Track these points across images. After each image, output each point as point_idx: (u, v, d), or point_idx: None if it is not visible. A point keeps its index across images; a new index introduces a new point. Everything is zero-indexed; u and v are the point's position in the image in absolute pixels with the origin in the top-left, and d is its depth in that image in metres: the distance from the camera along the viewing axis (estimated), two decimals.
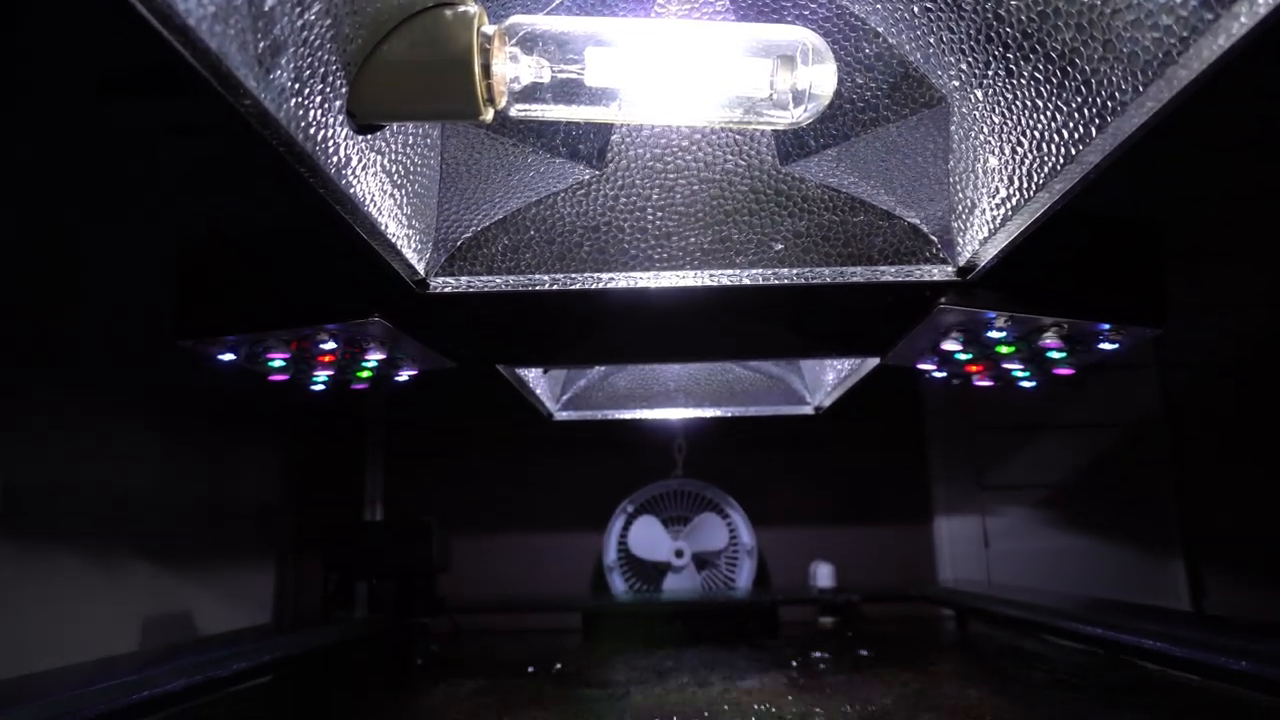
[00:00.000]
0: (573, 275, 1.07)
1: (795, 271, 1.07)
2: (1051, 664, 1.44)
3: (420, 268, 1.05)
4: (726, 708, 1.14)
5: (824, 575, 2.04)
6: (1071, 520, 2.20)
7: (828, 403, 1.90)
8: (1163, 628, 1.24)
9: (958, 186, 0.97)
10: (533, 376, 1.74)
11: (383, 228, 0.89)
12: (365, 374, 1.34)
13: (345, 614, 1.84)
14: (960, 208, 0.98)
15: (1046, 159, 0.77)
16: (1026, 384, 1.41)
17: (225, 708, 1.25)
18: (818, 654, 1.60)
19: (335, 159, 0.74)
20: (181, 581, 1.68)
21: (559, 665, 1.55)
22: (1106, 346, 1.18)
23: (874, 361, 1.49)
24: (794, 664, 1.49)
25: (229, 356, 1.21)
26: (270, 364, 1.23)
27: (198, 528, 1.76)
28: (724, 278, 1.07)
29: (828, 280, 1.08)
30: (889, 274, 1.08)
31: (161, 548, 1.60)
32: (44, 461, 1.31)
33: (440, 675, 1.49)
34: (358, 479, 2.16)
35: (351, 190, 0.79)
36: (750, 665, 1.49)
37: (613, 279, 1.07)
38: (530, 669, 1.51)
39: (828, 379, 1.82)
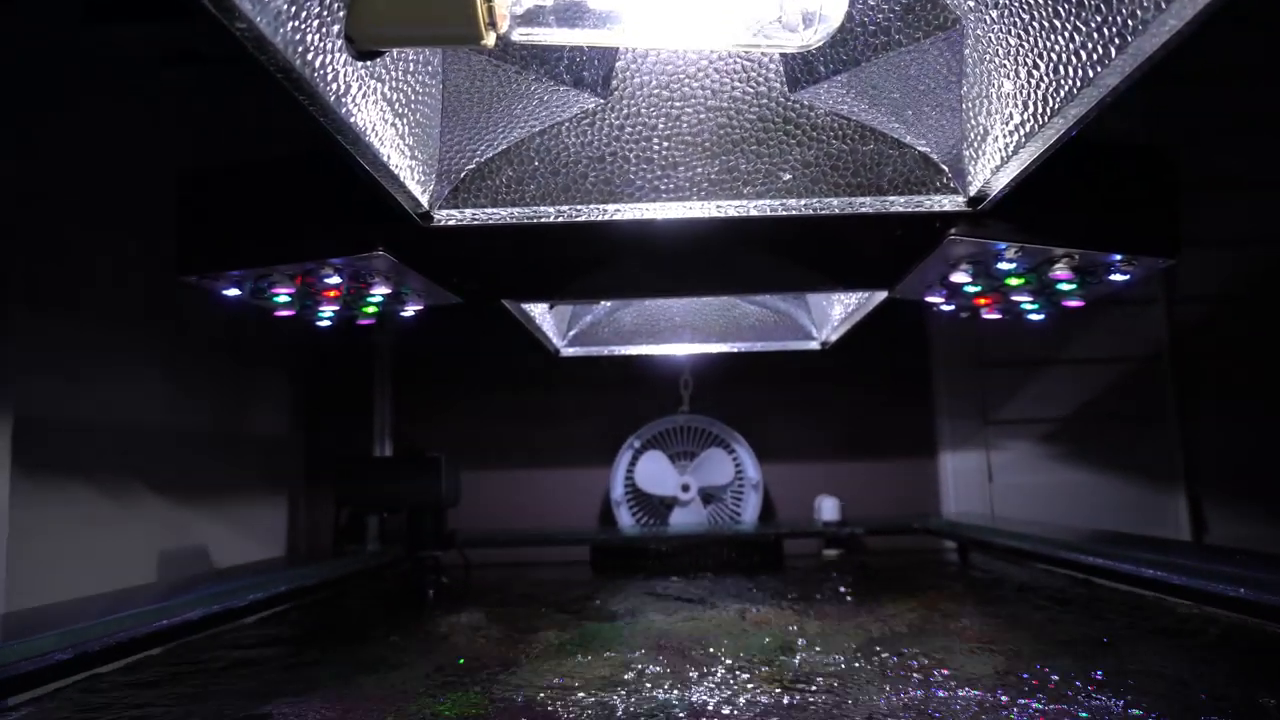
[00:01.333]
0: (578, 207, 1.06)
1: (803, 202, 1.05)
2: (1050, 593, 1.46)
3: (424, 200, 1.04)
4: (731, 635, 1.17)
5: (829, 509, 2.06)
6: (1074, 455, 2.21)
7: (834, 338, 1.90)
8: (1161, 556, 1.26)
9: (970, 113, 0.95)
10: (539, 312, 1.73)
11: (385, 159, 0.88)
12: (371, 309, 1.34)
13: (357, 548, 1.87)
14: (972, 135, 0.96)
15: (1063, 82, 0.75)
16: (1035, 316, 1.40)
17: (242, 636, 1.28)
18: (820, 585, 1.63)
19: (334, 86, 0.73)
20: (196, 516, 1.71)
21: (567, 596, 1.58)
22: (1117, 278, 1.17)
23: (881, 295, 1.48)
24: (797, 594, 1.51)
25: (233, 292, 1.21)
26: (275, 299, 1.22)
27: (210, 463, 1.78)
28: (731, 209, 1.05)
29: (836, 211, 1.06)
30: (898, 204, 1.07)
31: (175, 482, 1.62)
32: (57, 395, 1.32)
33: (451, 606, 1.52)
34: (366, 415, 2.18)
35: (352, 119, 0.78)
36: (755, 596, 1.51)
37: (618, 210, 1.05)
38: (539, 599, 1.55)
39: (834, 314, 1.81)
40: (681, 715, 0.81)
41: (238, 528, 1.89)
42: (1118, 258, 1.13)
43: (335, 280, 1.18)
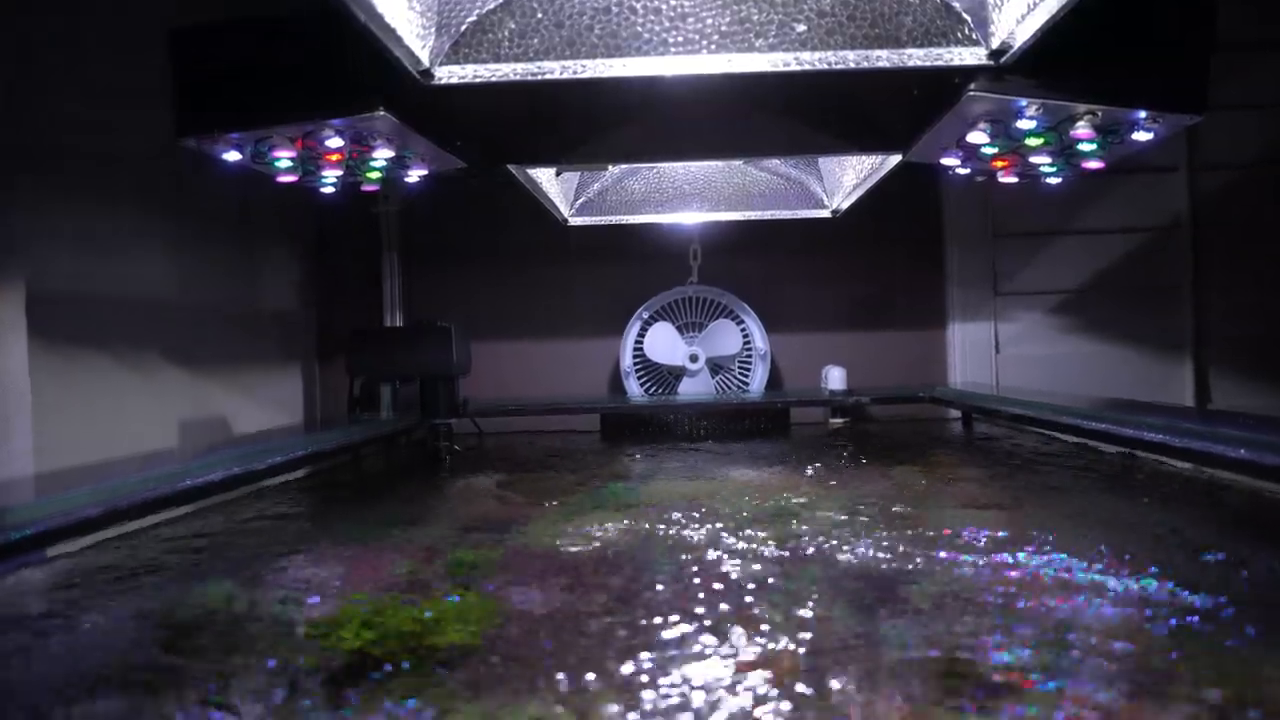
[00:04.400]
0: (583, 62, 1.02)
1: (817, 56, 1.01)
2: (1050, 458, 1.49)
3: (424, 56, 1.00)
4: (735, 497, 1.20)
5: (835, 378, 2.08)
6: (1082, 326, 2.21)
7: (845, 205, 1.87)
8: (1163, 420, 1.27)
9: None
10: (546, 179, 1.71)
11: (381, 11, 0.85)
12: (375, 174, 1.32)
13: (371, 416, 1.91)
14: None
15: None
16: (1053, 180, 1.37)
17: (264, 497, 1.33)
18: (825, 450, 1.66)
19: None
20: (213, 386, 1.74)
21: (578, 462, 1.62)
22: (1140, 137, 1.13)
23: (895, 159, 1.45)
24: (800, 460, 1.55)
25: (234, 156, 1.18)
26: (276, 163, 1.20)
27: (225, 337, 1.80)
28: (742, 63, 1.02)
29: (851, 65, 1.02)
30: (917, 58, 1.02)
31: (192, 356, 1.64)
32: (68, 269, 1.32)
33: (465, 471, 1.57)
34: (376, 286, 2.18)
35: None
36: (760, 461, 1.55)
37: (625, 65, 1.02)
38: (551, 465, 1.59)
39: (847, 180, 1.78)
40: (685, 566, 0.85)
41: (254, 399, 1.92)
42: (1142, 115, 1.09)
43: (337, 143, 1.16)
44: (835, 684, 0.55)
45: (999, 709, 0.50)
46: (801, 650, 0.61)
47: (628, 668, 0.58)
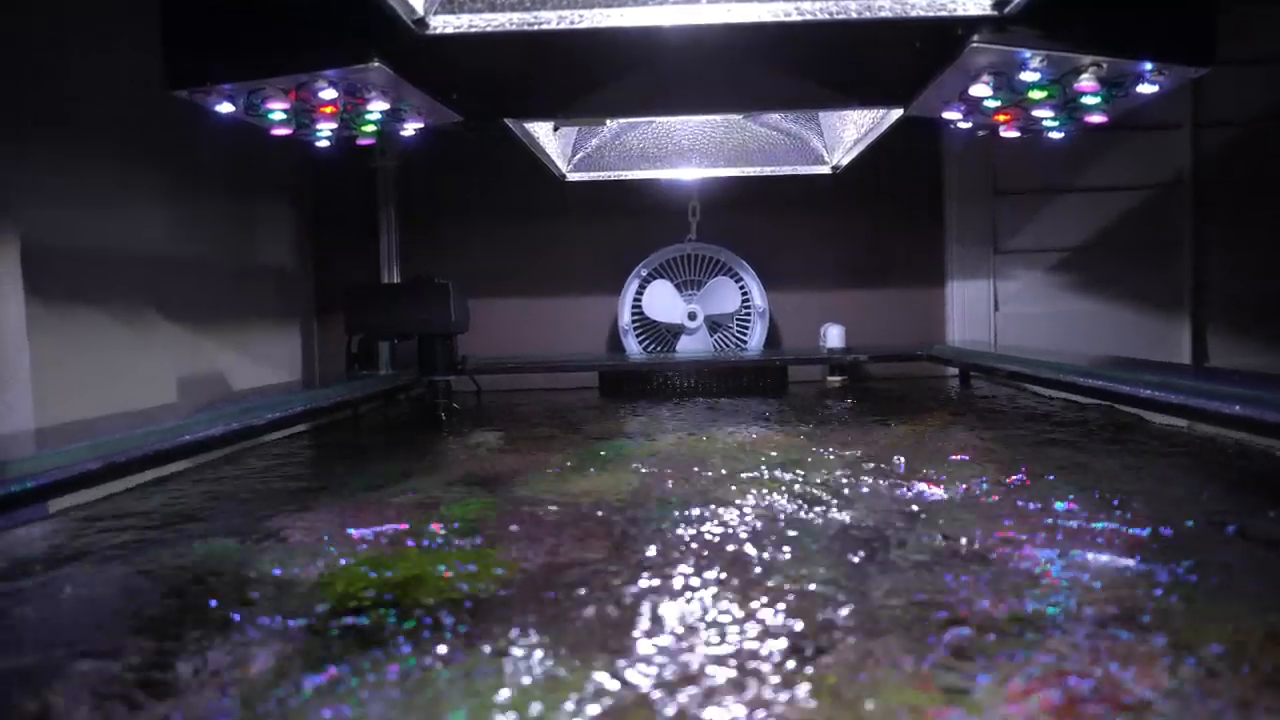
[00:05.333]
0: (580, 12, 1.00)
1: (819, 5, 1.00)
2: (1045, 415, 1.49)
3: (418, 5, 0.99)
4: (731, 453, 1.21)
5: (834, 336, 2.08)
6: (1081, 284, 2.20)
7: (846, 161, 1.85)
8: (1158, 377, 1.27)
9: None
10: (543, 134, 1.69)
11: None
12: (370, 127, 1.30)
13: (370, 373, 1.91)
14: None
15: None
16: (1055, 135, 1.36)
17: (263, 452, 1.34)
18: (822, 408, 1.67)
19: None
20: (211, 343, 1.73)
21: (576, 419, 1.62)
22: (1145, 89, 1.12)
23: (896, 113, 1.43)
24: (797, 417, 1.55)
25: (227, 107, 1.17)
26: (269, 115, 1.19)
27: (221, 291, 1.79)
28: (742, 13, 1.00)
29: (853, 16, 1.01)
30: (919, 8, 1.01)
31: (189, 312, 1.63)
32: (63, 223, 1.30)
33: (464, 427, 1.57)
34: (373, 243, 2.17)
35: None
36: (757, 418, 1.55)
37: (623, 15, 1.00)
38: (549, 422, 1.59)
39: (847, 135, 1.76)
40: (682, 516, 0.85)
41: (252, 356, 1.92)
42: (1148, 67, 1.07)
43: (330, 95, 1.14)
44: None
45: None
46: (803, 586, 0.62)
47: (626, 603, 0.59)
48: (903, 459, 1.09)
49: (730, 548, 0.75)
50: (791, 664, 0.51)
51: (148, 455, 1.07)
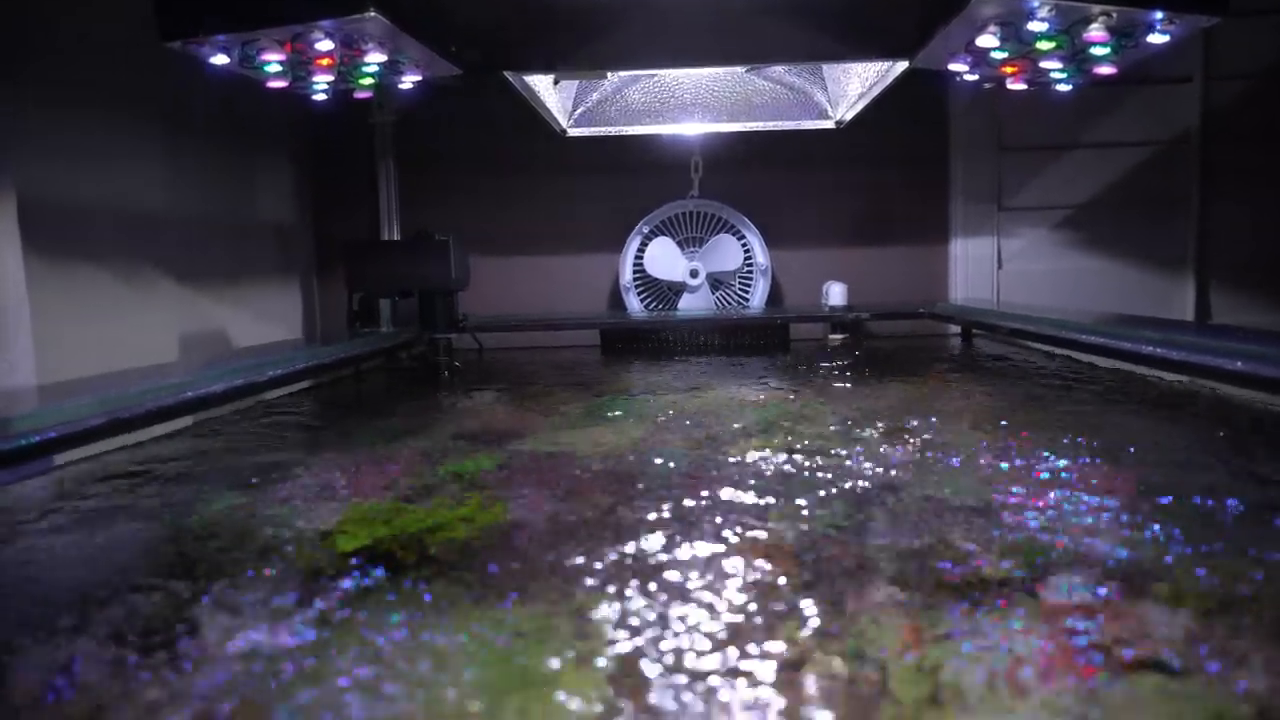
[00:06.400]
0: None
1: None
2: (1046, 372, 1.49)
3: None
4: (732, 409, 1.21)
5: (836, 294, 2.07)
6: (1085, 242, 2.18)
7: (850, 116, 1.83)
8: (1160, 334, 1.27)
9: None
10: (543, 87, 1.66)
11: None
12: (367, 80, 1.29)
13: (371, 330, 1.90)
14: None
15: None
16: (1063, 88, 1.34)
17: (265, 409, 1.34)
18: (823, 365, 1.67)
19: None
20: (212, 300, 1.73)
21: (578, 376, 1.62)
22: (1155, 39, 1.10)
23: (902, 66, 1.41)
24: (799, 374, 1.55)
25: (221, 59, 1.15)
26: (265, 67, 1.17)
27: (221, 247, 1.78)
28: None
29: None
30: None
31: (190, 269, 1.62)
32: (59, 179, 1.29)
33: (466, 385, 1.57)
34: (371, 199, 2.15)
35: None
36: (758, 376, 1.55)
37: None
38: (551, 379, 1.59)
39: (851, 89, 1.74)
40: (685, 471, 0.86)
41: (253, 313, 1.92)
42: (1159, 16, 1.05)
43: (326, 46, 1.12)
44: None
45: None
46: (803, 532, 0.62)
47: (626, 550, 0.60)
48: (904, 417, 1.09)
49: (733, 487, 0.75)
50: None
51: (150, 411, 1.08)
